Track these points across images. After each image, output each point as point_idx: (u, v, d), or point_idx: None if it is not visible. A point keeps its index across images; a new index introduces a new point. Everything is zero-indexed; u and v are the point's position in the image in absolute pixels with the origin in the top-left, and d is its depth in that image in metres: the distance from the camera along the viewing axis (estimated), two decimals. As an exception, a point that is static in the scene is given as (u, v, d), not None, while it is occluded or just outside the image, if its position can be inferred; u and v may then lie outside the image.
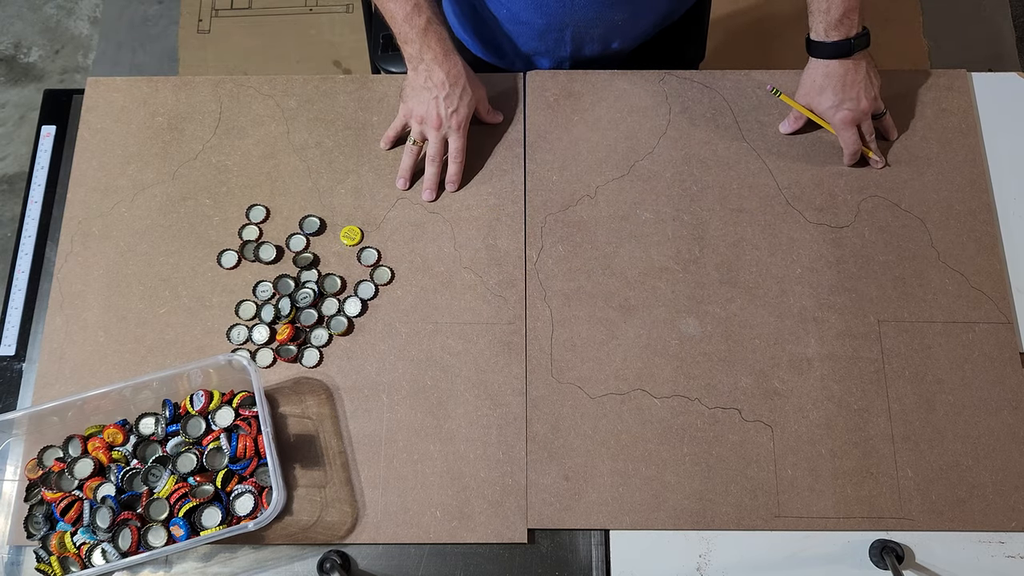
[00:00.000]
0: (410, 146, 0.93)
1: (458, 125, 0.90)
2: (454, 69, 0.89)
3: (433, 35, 0.88)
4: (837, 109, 0.90)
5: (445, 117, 0.89)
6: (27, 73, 2.06)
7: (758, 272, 0.91)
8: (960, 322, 0.89)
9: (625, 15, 0.96)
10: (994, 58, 1.94)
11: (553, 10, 0.95)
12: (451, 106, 0.89)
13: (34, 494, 0.83)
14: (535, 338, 0.89)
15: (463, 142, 0.92)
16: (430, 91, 0.89)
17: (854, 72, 0.89)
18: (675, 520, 0.82)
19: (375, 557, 0.83)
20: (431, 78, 0.89)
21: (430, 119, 0.90)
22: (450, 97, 0.89)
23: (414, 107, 0.91)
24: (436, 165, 0.93)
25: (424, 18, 0.87)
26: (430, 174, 0.93)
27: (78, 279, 0.92)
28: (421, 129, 0.91)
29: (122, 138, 0.98)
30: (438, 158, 0.92)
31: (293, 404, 0.87)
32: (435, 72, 0.88)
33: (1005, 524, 0.82)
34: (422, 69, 0.89)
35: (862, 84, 0.90)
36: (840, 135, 0.92)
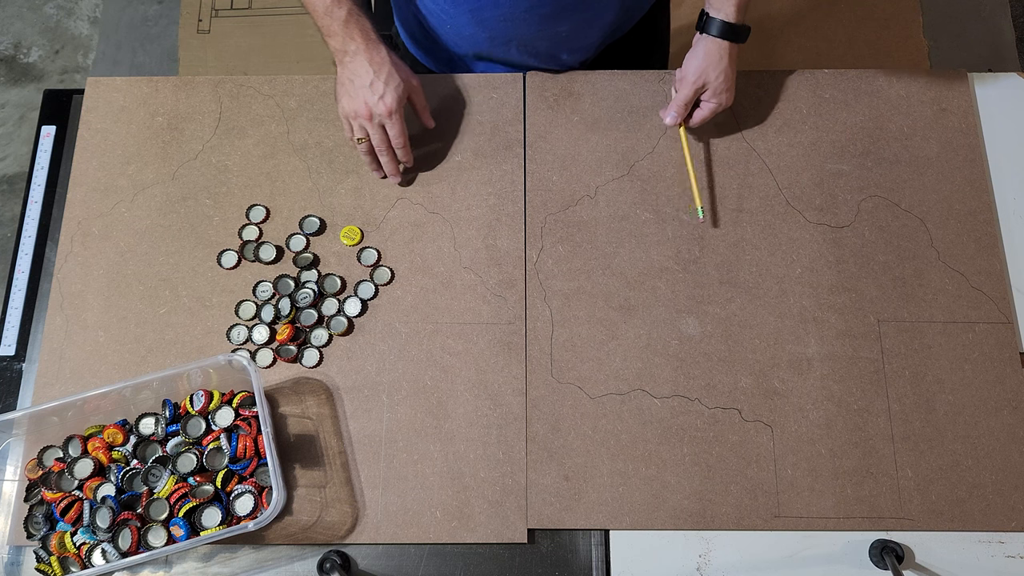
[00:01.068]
0: (356, 144, 0.91)
1: (388, 111, 0.87)
2: (377, 56, 0.87)
3: (355, 26, 0.86)
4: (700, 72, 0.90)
5: (373, 105, 0.87)
6: (27, 73, 2.06)
7: (758, 272, 0.91)
8: (960, 322, 0.89)
9: (568, 27, 0.95)
10: (994, 58, 1.94)
11: (493, 24, 0.94)
12: (376, 93, 0.86)
13: (34, 494, 0.83)
14: (535, 338, 0.89)
15: (399, 126, 0.89)
16: (355, 82, 0.87)
17: (727, 54, 0.90)
18: (675, 520, 0.82)
19: (375, 557, 0.83)
20: (354, 69, 0.87)
21: (360, 111, 0.87)
22: (374, 84, 0.86)
23: (344, 103, 0.89)
24: (387, 154, 0.91)
25: (344, 10, 0.85)
26: (385, 163, 0.93)
27: (78, 279, 0.92)
28: (359, 123, 0.89)
29: (122, 138, 0.98)
30: (384, 147, 0.90)
31: (293, 404, 0.87)
32: (358, 63, 0.86)
33: (1005, 524, 0.82)
34: (347, 62, 0.87)
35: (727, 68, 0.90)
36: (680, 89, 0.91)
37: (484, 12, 0.92)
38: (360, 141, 0.90)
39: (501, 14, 0.92)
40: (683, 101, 0.92)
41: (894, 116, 0.98)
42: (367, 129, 0.89)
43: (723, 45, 0.89)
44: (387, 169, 0.93)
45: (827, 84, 0.99)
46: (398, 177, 0.94)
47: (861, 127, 0.97)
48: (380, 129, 0.89)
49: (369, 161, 0.93)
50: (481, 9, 0.92)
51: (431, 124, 0.96)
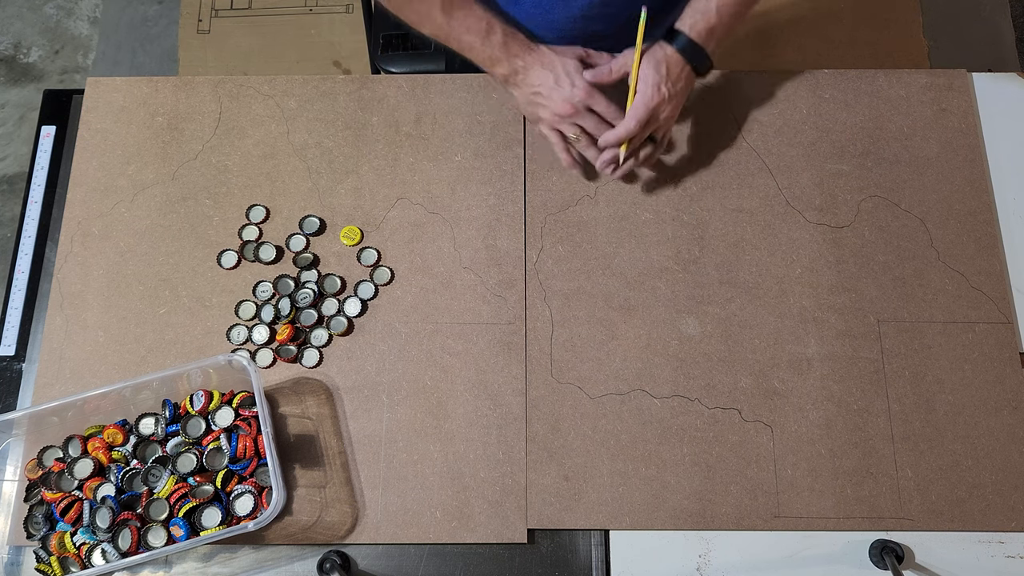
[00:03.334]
0: (578, 144, 0.89)
1: (587, 93, 0.85)
2: (545, 58, 0.86)
3: (513, 43, 0.86)
4: (656, 86, 0.83)
5: (571, 98, 0.85)
6: (27, 73, 2.06)
7: (758, 272, 0.91)
8: (960, 322, 0.89)
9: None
10: (994, 58, 1.94)
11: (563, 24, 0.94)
12: (566, 85, 0.85)
13: (34, 494, 0.83)
14: (535, 338, 0.89)
15: (605, 99, 0.85)
16: (541, 92, 0.86)
17: (684, 78, 0.85)
18: (675, 520, 0.82)
19: (375, 557, 0.83)
20: (531, 82, 0.86)
21: (564, 111, 0.86)
22: (559, 81, 0.85)
23: (544, 115, 0.88)
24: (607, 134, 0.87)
25: (500, 32, 0.85)
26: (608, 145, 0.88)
27: (78, 279, 0.92)
28: (570, 123, 0.87)
29: (122, 138, 0.98)
30: (604, 127, 0.87)
31: (293, 404, 0.87)
32: (531, 72, 0.86)
33: (1005, 524, 0.82)
34: (520, 80, 0.87)
35: (681, 93, 0.86)
36: (634, 106, 0.84)
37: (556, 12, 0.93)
38: (578, 139, 0.88)
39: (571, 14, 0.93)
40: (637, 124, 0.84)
41: (894, 116, 0.98)
42: (580, 123, 0.87)
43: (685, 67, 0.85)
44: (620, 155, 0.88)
45: (827, 84, 0.99)
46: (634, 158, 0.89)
47: (861, 127, 0.97)
48: (590, 114, 0.86)
49: (593, 157, 0.89)
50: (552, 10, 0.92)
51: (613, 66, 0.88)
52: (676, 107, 0.87)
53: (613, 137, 0.86)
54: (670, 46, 0.85)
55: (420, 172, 0.96)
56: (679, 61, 0.85)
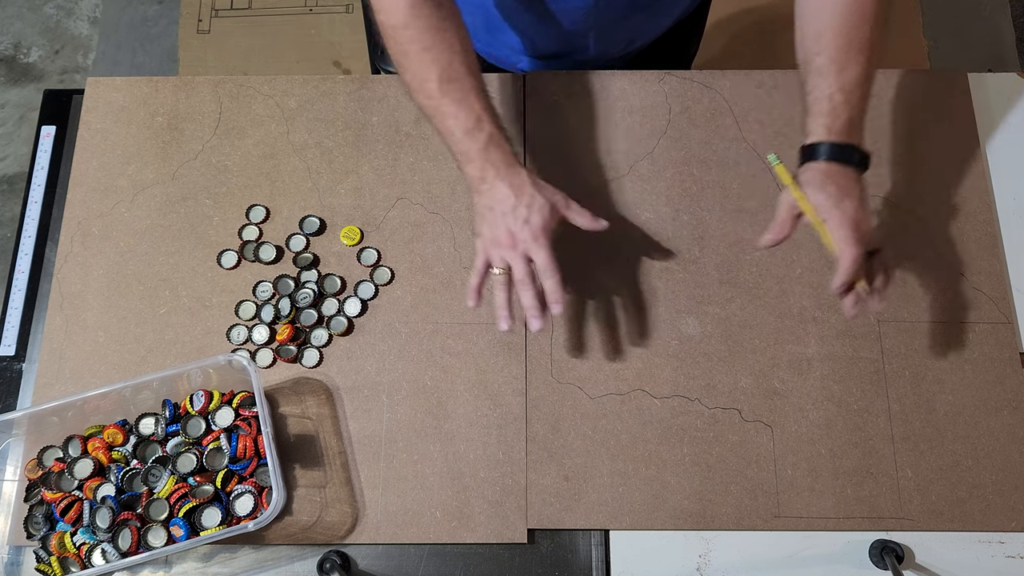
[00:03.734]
0: (496, 276, 0.79)
1: (534, 236, 0.77)
2: (517, 179, 0.78)
3: (495, 151, 0.78)
4: (836, 205, 0.72)
5: (518, 231, 0.77)
6: (27, 73, 2.06)
7: (758, 272, 0.91)
8: (960, 322, 0.89)
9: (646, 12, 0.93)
10: (994, 58, 1.94)
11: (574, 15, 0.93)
12: (519, 217, 0.77)
13: (34, 494, 0.83)
14: (535, 338, 0.89)
15: (547, 252, 0.77)
16: (495, 209, 0.78)
17: (855, 182, 0.74)
18: (675, 520, 0.82)
19: (375, 557, 0.83)
20: (495, 195, 0.78)
21: (502, 239, 0.77)
22: (517, 208, 0.77)
23: (485, 232, 0.79)
24: (528, 288, 0.78)
25: (485, 134, 0.77)
26: (526, 300, 0.78)
27: (78, 279, 0.92)
28: (500, 254, 0.78)
29: (122, 138, 0.98)
30: (527, 281, 0.77)
31: (293, 404, 0.87)
32: (497, 188, 0.77)
33: (1005, 524, 0.82)
34: (484, 190, 0.78)
35: (861, 197, 0.74)
36: (837, 234, 0.72)
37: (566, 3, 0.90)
38: (501, 273, 0.79)
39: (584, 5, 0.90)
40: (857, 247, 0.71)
41: (894, 116, 0.97)
42: (508, 260, 0.78)
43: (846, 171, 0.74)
44: (528, 309, 0.78)
45: (827, 84, 0.99)
46: (539, 321, 0.78)
47: (861, 127, 0.97)
48: (523, 260, 0.77)
49: (503, 302, 0.79)
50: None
51: (601, 226, 0.82)
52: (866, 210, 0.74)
53: (845, 276, 0.73)
54: (818, 163, 0.74)
55: (420, 172, 0.96)
56: (839, 169, 0.74)
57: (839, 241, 0.72)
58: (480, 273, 0.80)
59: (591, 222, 0.82)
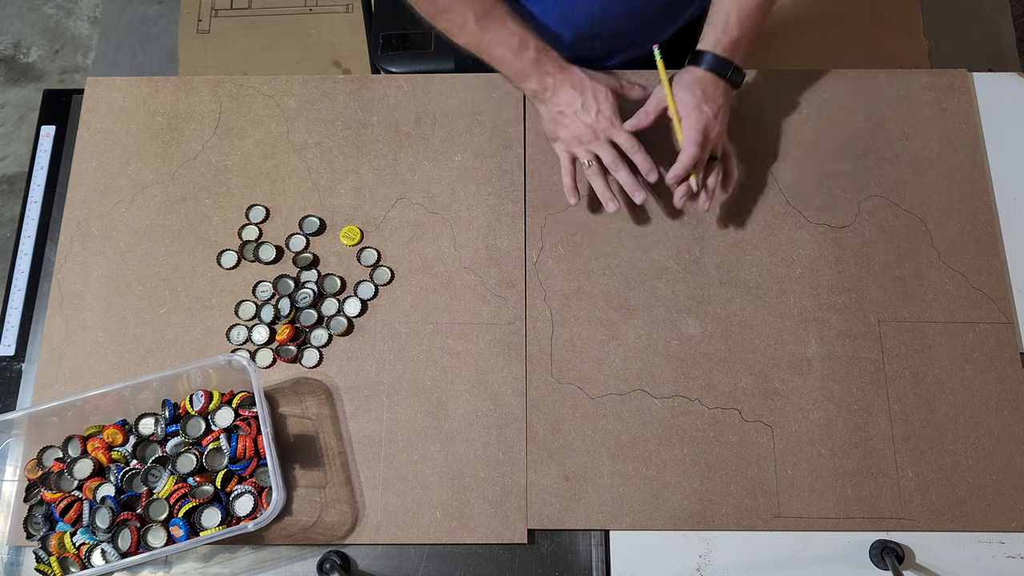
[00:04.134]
0: (588, 171, 0.88)
1: (611, 122, 0.85)
2: (575, 78, 0.86)
3: (546, 60, 0.85)
4: (697, 107, 0.83)
5: (594, 122, 0.85)
6: (27, 73, 2.06)
7: (758, 272, 0.91)
8: (960, 322, 0.89)
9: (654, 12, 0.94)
10: (994, 58, 1.94)
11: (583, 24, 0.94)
12: (592, 109, 0.85)
13: (34, 494, 0.83)
14: (535, 338, 0.89)
15: (627, 132, 0.85)
16: (566, 112, 0.86)
17: (722, 93, 0.85)
18: (675, 520, 0.82)
19: (375, 557, 0.83)
20: (560, 99, 0.86)
21: (583, 135, 0.86)
22: (587, 103, 0.85)
23: (563, 135, 0.87)
24: (623, 168, 0.86)
25: (532, 48, 0.85)
26: (623, 179, 0.86)
27: (78, 279, 0.92)
28: (586, 149, 0.87)
29: (122, 138, 0.98)
30: (619, 161, 0.86)
31: (293, 404, 0.87)
32: (560, 92, 0.86)
33: (1005, 524, 0.82)
34: (548, 97, 0.86)
35: (722, 107, 0.85)
36: (686, 132, 0.84)
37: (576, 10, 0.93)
38: (590, 165, 0.87)
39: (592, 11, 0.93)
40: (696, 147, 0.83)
41: (894, 116, 0.97)
42: (596, 151, 0.86)
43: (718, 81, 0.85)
44: (628, 185, 0.86)
45: (827, 84, 0.99)
46: (641, 193, 0.86)
47: (861, 127, 0.97)
48: (609, 145, 0.86)
49: (603, 188, 0.87)
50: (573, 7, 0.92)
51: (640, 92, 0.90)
52: (723, 122, 0.86)
53: (680, 169, 0.84)
54: (698, 68, 0.85)
55: (420, 172, 0.96)
56: (712, 79, 0.85)
57: (685, 139, 0.84)
58: (569, 171, 0.89)
59: (641, 92, 0.90)
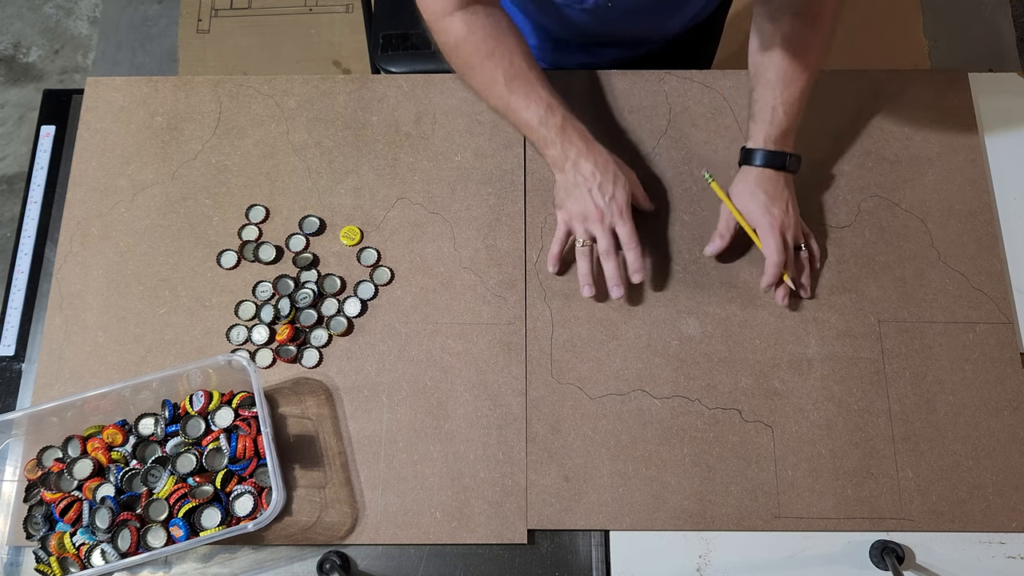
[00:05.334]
0: (580, 248, 0.87)
1: (620, 211, 0.84)
2: (600, 158, 0.85)
3: (572, 131, 0.85)
4: (765, 212, 0.85)
5: (604, 206, 0.84)
6: (27, 73, 2.06)
7: (758, 272, 0.91)
8: (960, 322, 0.89)
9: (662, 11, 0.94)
10: (994, 58, 1.94)
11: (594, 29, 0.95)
12: (607, 193, 0.84)
13: (33, 495, 0.83)
14: (535, 338, 0.89)
15: (631, 226, 0.84)
16: (581, 186, 0.84)
17: (784, 186, 0.87)
18: (675, 520, 0.82)
19: (375, 558, 0.83)
20: (580, 172, 0.84)
21: (591, 213, 0.84)
22: (604, 185, 0.84)
23: (571, 207, 0.86)
24: (613, 259, 0.85)
25: (559, 116, 0.84)
26: (610, 270, 0.86)
27: (77, 279, 0.92)
28: (585, 227, 0.86)
29: (121, 138, 0.98)
30: (612, 252, 0.85)
31: (293, 404, 0.87)
32: (582, 165, 0.84)
33: (1006, 525, 0.82)
34: (568, 167, 0.85)
35: (789, 199, 0.87)
36: (764, 240, 0.85)
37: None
38: (584, 244, 0.87)
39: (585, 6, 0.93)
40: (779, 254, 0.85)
41: (894, 116, 0.97)
42: (594, 232, 0.85)
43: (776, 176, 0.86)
44: (612, 279, 0.86)
45: (827, 84, 0.99)
46: (622, 288, 0.86)
47: (861, 127, 0.97)
48: (610, 232, 0.85)
49: (587, 272, 0.87)
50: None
51: (650, 207, 0.92)
52: (794, 214, 0.87)
53: (770, 279, 0.86)
54: (754, 167, 0.86)
55: (420, 172, 0.96)
56: (771, 175, 0.86)
57: (765, 248, 0.85)
58: (561, 243, 0.89)
59: (651, 207, 0.92)
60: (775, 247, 0.85)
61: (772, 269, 0.85)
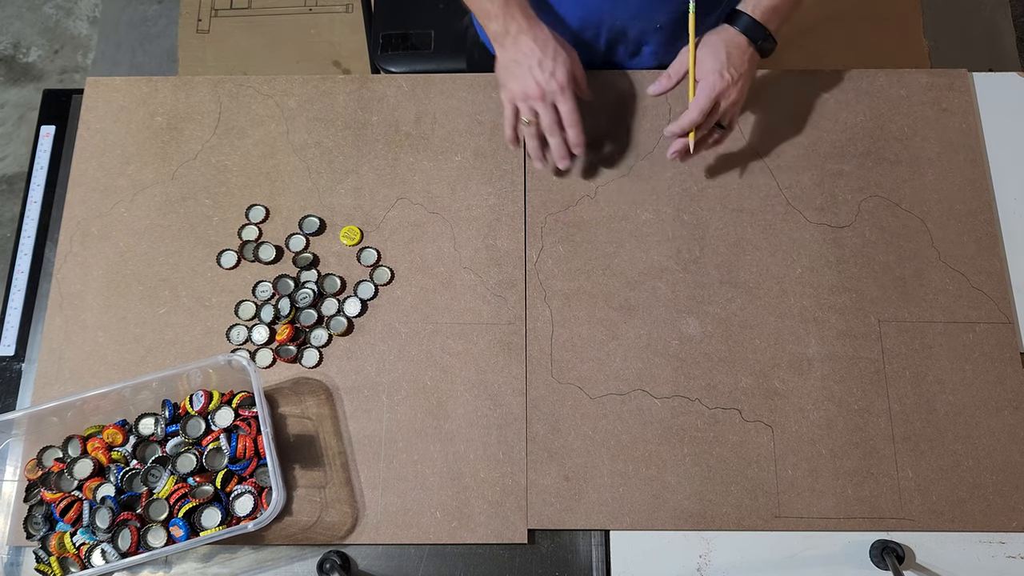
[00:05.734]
0: (525, 128, 0.88)
1: (560, 87, 0.84)
2: (541, 34, 0.84)
3: (515, 6, 0.84)
4: (718, 72, 0.83)
5: (544, 82, 0.84)
6: (26, 73, 2.06)
7: (758, 272, 0.91)
8: (960, 322, 0.89)
9: (667, 16, 0.93)
10: (994, 58, 1.94)
11: (593, 3, 0.93)
12: (547, 69, 0.83)
13: (34, 494, 0.83)
14: (535, 338, 0.89)
15: (573, 102, 0.85)
16: (521, 63, 0.84)
17: (747, 60, 0.84)
18: (675, 520, 0.82)
19: (375, 557, 0.83)
20: (519, 49, 0.84)
21: (531, 91, 0.84)
22: (544, 62, 0.83)
23: (512, 86, 0.86)
24: (557, 134, 0.87)
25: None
26: (554, 145, 0.88)
27: (77, 279, 0.92)
28: (528, 105, 0.86)
29: (121, 138, 0.98)
30: (555, 128, 0.86)
31: (293, 404, 0.87)
32: (523, 41, 0.84)
33: (1005, 524, 0.82)
34: (508, 43, 0.85)
35: (745, 74, 0.84)
36: (698, 95, 0.83)
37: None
38: (529, 123, 0.87)
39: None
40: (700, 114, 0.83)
41: (894, 116, 0.97)
42: (537, 109, 0.86)
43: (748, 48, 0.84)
44: (557, 152, 0.88)
45: (827, 84, 0.99)
46: (567, 161, 0.89)
47: (861, 127, 0.97)
48: (551, 108, 0.85)
49: (536, 148, 0.89)
50: None
51: (589, 96, 0.92)
52: (742, 90, 0.85)
53: (677, 128, 0.84)
54: (732, 28, 0.84)
55: (420, 172, 0.96)
56: (743, 43, 0.84)
57: (694, 101, 0.83)
58: (511, 124, 0.89)
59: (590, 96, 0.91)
60: (701, 107, 0.83)
61: (686, 121, 0.84)
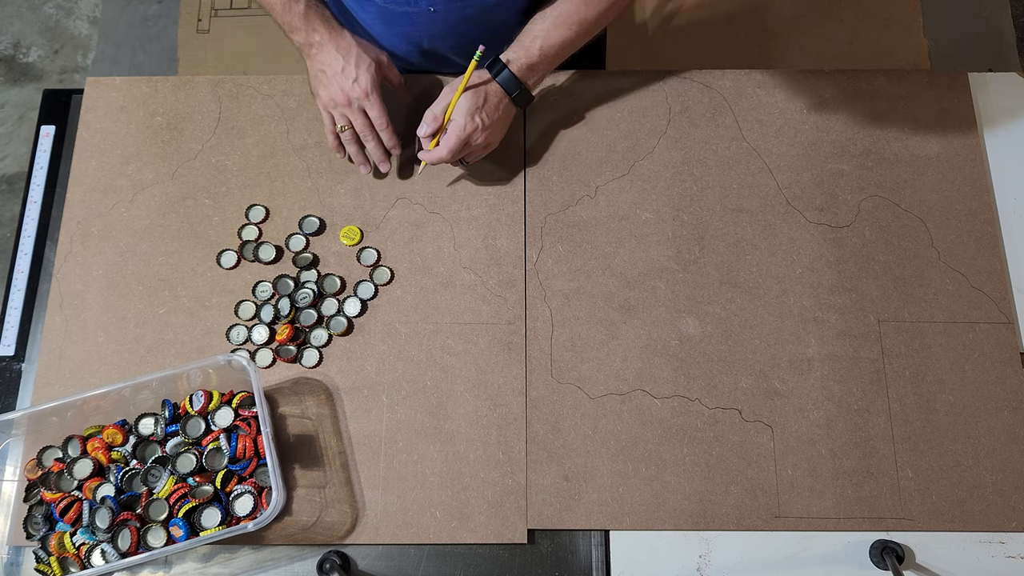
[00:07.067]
0: (344, 135, 0.91)
1: (364, 93, 0.87)
2: (343, 42, 0.87)
3: (316, 17, 0.87)
4: (471, 114, 0.86)
5: (348, 89, 0.87)
6: (26, 73, 2.06)
7: (758, 272, 0.91)
8: (960, 322, 0.89)
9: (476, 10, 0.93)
10: (994, 58, 1.93)
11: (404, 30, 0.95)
12: (349, 77, 0.87)
13: (33, 494, 0.83)
14: (535, 338, 0.89)
15: (379, 107, 0.88)
16: (327, 72, 0.88)
17: (503, 109, 0.88)
18: (675, 520, 0.82)
19: (375, 557, 0.83)
20: (322, 59, 0.87)
21: (338, 99, 0.88)
22: (346, 69, 0.87)
23: (322, 95, 0.89)
24: (372, 138, 0.91)
25: (302, 3, 0.86)
26: (371, 148, 0.92)
27: (77, 279, 0.92)
28: (340, 112, 0.89)
29: (121, 138, 0.98)
30: (369, 132, 0.90)
31: (293, 404, 0.87)
32: (324, 51, 0.87)
33: (1005, 524, 0.82)
34: (314, 54, 0.88)
35: (498, 122, 0.88)
36: (448, 135, 0.86)
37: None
38: (343, 130, 0.90)
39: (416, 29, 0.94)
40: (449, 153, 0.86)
41: (894, 116, 0.97)
42: (348, 116, 0.89)
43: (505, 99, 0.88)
44: (374, 156, 0.92)
45: (827, 84, 0.99)
46: (387, 164, 0.94)
47: (861, 127, 0.97)
48: (361, 114, 0.89)
49: (356, 152, 0.93)
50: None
51: (406, 94, 0.96)
52: (492, 135, 0.89)
53: (429, 158, 0.88)
54: (491, 77, 0.87)
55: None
56: (498, 92, 0.87)
57: (444, 140, 0.87)
58: (332, 131, 0.92)
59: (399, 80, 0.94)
60: (452, 147, 0.86)
61: (432, 157, 0.87)
